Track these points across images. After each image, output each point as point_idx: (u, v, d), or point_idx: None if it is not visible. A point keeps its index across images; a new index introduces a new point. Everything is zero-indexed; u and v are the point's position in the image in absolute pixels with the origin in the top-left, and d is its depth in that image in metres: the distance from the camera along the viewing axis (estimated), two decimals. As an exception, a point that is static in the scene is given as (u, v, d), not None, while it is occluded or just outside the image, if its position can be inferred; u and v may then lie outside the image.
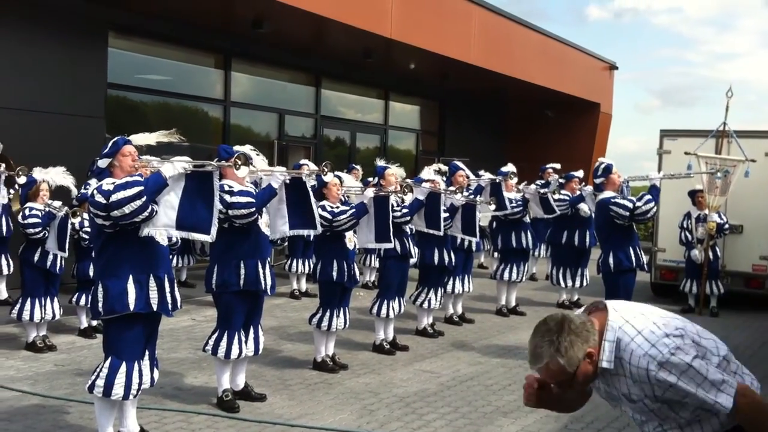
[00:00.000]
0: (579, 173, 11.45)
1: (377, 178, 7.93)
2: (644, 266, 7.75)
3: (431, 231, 8.11)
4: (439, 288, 8.80)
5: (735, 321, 10.74)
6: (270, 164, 6.96)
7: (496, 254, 11.55)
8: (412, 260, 8.35)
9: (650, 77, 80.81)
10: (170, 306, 5.06)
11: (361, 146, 17.61)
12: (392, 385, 6.84)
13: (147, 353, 5.09)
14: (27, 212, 7.42)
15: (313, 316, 7.20)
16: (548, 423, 5.96)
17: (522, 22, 18.03)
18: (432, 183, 8.32)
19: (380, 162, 8.18)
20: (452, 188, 8.62)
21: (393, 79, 17.78)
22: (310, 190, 6.16)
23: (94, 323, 8.13)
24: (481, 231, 11.54)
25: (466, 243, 9.27)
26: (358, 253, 8.10)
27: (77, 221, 7.43)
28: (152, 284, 4.92)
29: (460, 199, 8.52)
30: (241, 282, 5.85)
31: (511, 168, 10.12)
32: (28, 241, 7.51)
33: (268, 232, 6.14)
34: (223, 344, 5.89)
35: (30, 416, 5.67)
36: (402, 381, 7.00)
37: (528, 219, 10.50)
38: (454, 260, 8.97)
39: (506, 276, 10.36)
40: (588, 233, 10.81)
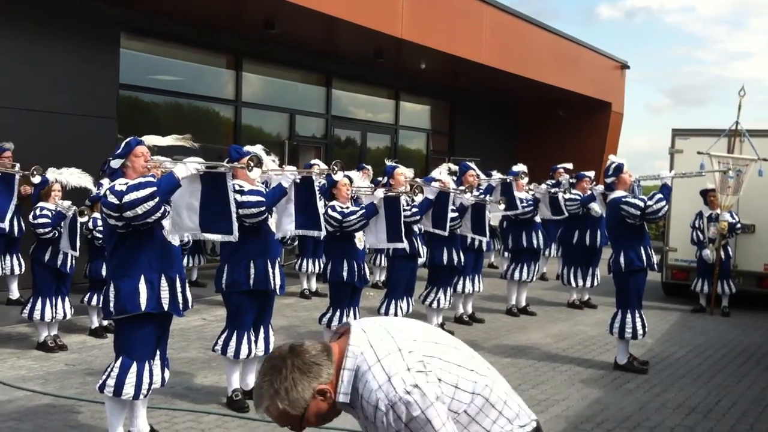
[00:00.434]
0: (590, 173, 11.42)
1: (386, 178, 7.94)
2: (655, 266, 7.71)
3: (436, 231, 8.09)
4: (448, 288, 8.79)
5: (747, 321, 10.68)
6: (281, 164, 6.98)
7: (507, 254, 11.54)
8: (421, 260, 8.34)
9: (662, 76, 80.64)
10: (181, 306, 5.07)
11: (372, 146, 17.61)
12: (402, 385, 6.82)
13: (158, 353, 5.11)
14: (38, 212, 7.46)
15: (323, 316, 7.21)
16: (558, 423, 5.94)
17: (533, 22, 17.99)
18: (441, 183, 8.32)
19: (389, 162, 8.18)
20: (462, 188, 8.61)
21: (404, 79, 17.77)
22: (317, 192, 6.16)
23: (105, 323, 8.17)
24: (492, 231, 11.54)
25: (476, 243, 9.25)
26: (368, 253, 8.10)
27: (84, 220, 7.46)
28: (164, 284, 4.93)
29: (470, 199, 8.51)
30: (251, 282, 5.86)
31: (522, 168, 10.10)
32: (39, 241, 7.55)
33: (278, 232, 6.15)
34: (233, 344, 5.90)
35: (41, 416, 5.70)
36: (412, 381, 6.98)
37: (539, 219, 10.49)
38: (464, 260, 8.97)
39: (517, 276, 10.34)
40: (599, 233, 10.78)
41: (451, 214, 8.19)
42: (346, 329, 2.46)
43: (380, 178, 9.18)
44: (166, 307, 4.93)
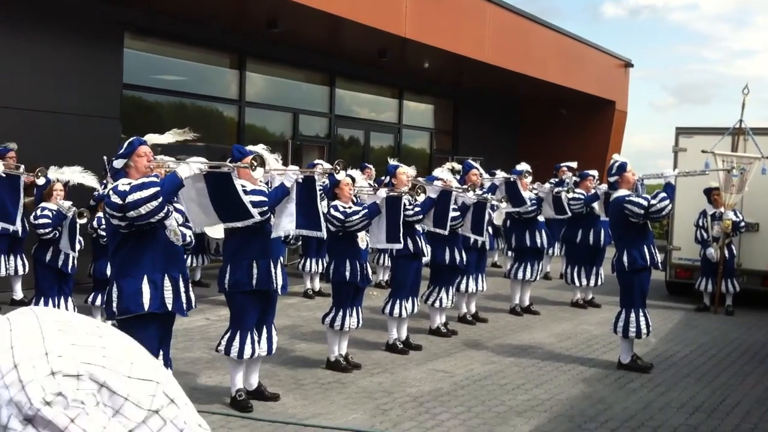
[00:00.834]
0: (594, 172, 11.41)
1: (388, 177, 7.93)
2: (658, 265, 7.70)
3: (437, 230, 8.08)
4: (451, 287, 8.78)
5: (751, 320, 10.66)
6: (284, 164, 6.98)
7: (510, 253, 11.53)
8: (425, 259, 8.33)
9: (666, 74, 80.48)
10: (185, 306, 5.08)
11: (375, 145, 17.61)
12: (405, 385, 6.83)
13: (161, 353, 5.12)
14: (39, 212, 7.48)
15: (326, 316, 7.21)
16: (562, 423, 5.94)
17: (536, 20, 17.96)
18: (444, 182, 8.31)
19: (391, 161, 8.18)
20: (464, 186, 8.60)
21: (407, 78, 17.77)
22: (318, 194, 6.16)
23: (109, 323, 8.17)
24: (495, 230, 11.54)
25: (479, 242, 9.24)
26: (371, 253, 8.09)
27: (83, 222, 7.45)
28: (167, 284, 4.94)
29: (472, 197, 8.50)
30: (254, 282, 5.87)
31: (526, 167, 10.09)
32: (40, 241, 7.56)
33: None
34: (236, 344, 5.90)
35: (46, 415, 5.70)
36: (415, 380, 6.99)
37: (542, 218, 10.48)
38: (468, 259, 8.97)
39: (520, 275, 10.34)
40: (603, 232, 10.78)
41: (453, 213, 8.19)
42: None
43: (383, 178, 9.18)
44: (170, 307, 4.94)
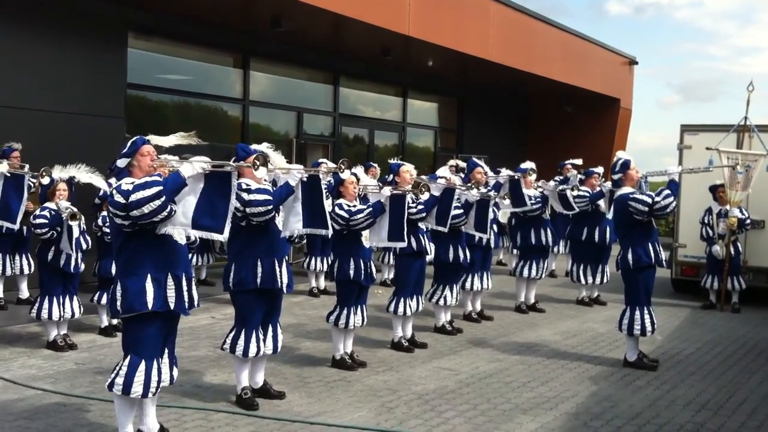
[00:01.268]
0: (599, 169, 11.39)
1: (392, 175, 7.92)
2: (663, 262, 7.68)
3: (437, 228, 8.06)
4: (455, 285, 8.77)
5: (757, 317, 10.64)
6: (288, 163, 6.97)
7: (515, 251, 11.52)
8: (429, 257, 8.32)
9: (671, 72, 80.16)
10: (187, 305, 5.08)
11: (380, 144, 17.60)
12: (411, 383, 6.83)
13: (166, 351, 5.12)
14: (38, 212, 7.48)
15: (331, 314, 7.21)
16: (568, 421, 5.93)
17: (540, 18, 17.94)
18: (447, 180, 8.31)
19: (394, 159, 8.17)
20: (468, 184, 8.59)
21: (411, 77, 17.75)
22: (324, 191, 6.15)
23: (115, 322, 8.19)
24: (501, 228, 11.52)
25: (484, 240, 9.23)
26: (376, 251, 8.09)
27: (75, 224, 7.43)
28: (170, 283, 4.94)
29: (475, 195, 8.49)
30: (258, 280, 5.87)
31: (531, 165, 10.08)
32: (43, 241, 7.57)
33: (286, 231, 6.15)
34: (241, 342, 5.91)
35: (51, 414, 5.72)
36: (421, 378, 6.99)
37: (547, 216, 10.46)
38: (473, 257, 8.96)
39: (525, 273, 10.33)
40: (608, 229, 10.76)
41: (456, 211, 8.18)
42: None
43: (387, 176, 9.17)
44: (172, 306, 4.94)
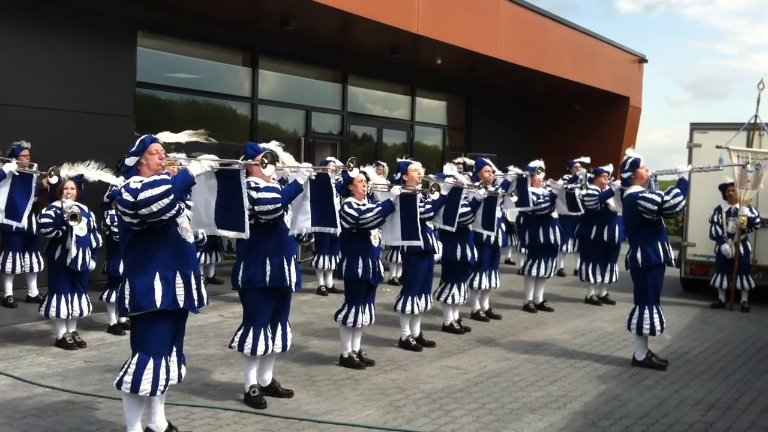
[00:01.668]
0: (608, 168, 11.35)
1: (400, 174, 7.91)
2: (672, 261, 7.65)
3: (445, 227, 8.06)
4: (462, 283, 8.76)
5: (766, 316, 10.59)
6: (297, 161, 6.97)
7: (524, 250, 11.49)
8: (437, 256, 8.31)
9: (681, 70, 79.87)
10: (196, 303, 5.09)
11: (388, 142, 17.59)
12: (419, 381, 6.83)
13: (174, 349, 5.13)
14: (44, 211, 7.50)
15: (339, 313, 7.22)
16: (576, 420, 5.92)
17: (550, 16, 17.90)
18: (455, 179, 8.30)
19: (402, 158, 8.16)
20: (476, 183, 8.58)
21: (420, 75, 17.73)
22: (334, 189, 6.16)
23: (124, 320, 8.21)
24: (509, 227, 11.50)
25: (492, 239, 9.22)
26: (384, 250, 8.08)
27: (76, 225, 7.43)
28: (179, 281, 4.95)
29: (483, 193, 8.48)
30: (267, 279, 5.88)
31: (539, 163, 10.05)
32: (50, 239, 7.58)
33: (294, 229, 6.15)
34: (249, 340, 5.92)
35: (59, 412, 5.74)
36: (428, 377, 6.99)
37: (555, 214, 10.43)
38: (481, 256, 8.95)
39: (534, 271, 10.31)
40: (617, 228, 10.73)
41: (463, 209, 8.17)
42: None
43: (395, 175, 9.17)
44: (182, 304, 4.95)
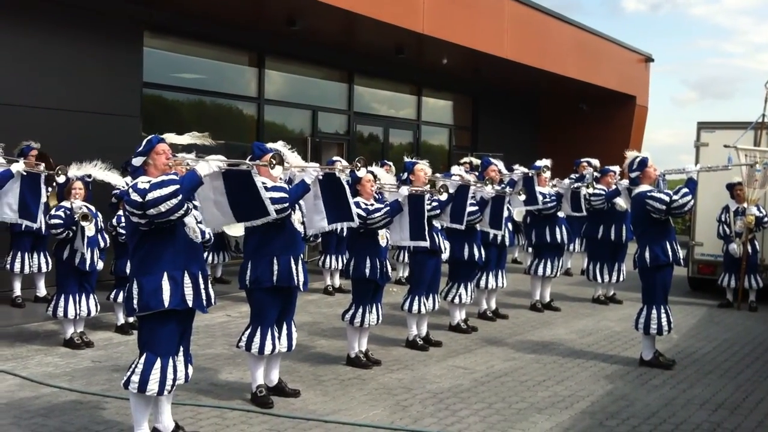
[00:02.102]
0: (615, 167, 11.32)
1: (406, 174, 7.92)
2: (681, 261, 7.63)
3: (453, 225, 8.06)
4: (470, 283, 8.75)
5: (775, 316, 10.56)
6: (303, 161, 6.98)
7: (530, 249, 11.48)
8: (444, 255, 8.30)
9: (687, 69, 79.72)
10: (204, 302, 5.10)
11: (394, 142, 17.61)
12: (425, 381, 6.83)
13: (181, 349, 5.13)
14: (53, 211, 7.51)
15: (346, 312, 7.22)
16: (583, 420, 5.91)
17: (555, 15, 17.88)
18: (461, 178, 8.29)
19: (409, 158, 8.16)
20: (482, 181, 8.56)
21: (425, 75, 17.73)
22: (345, 183, 6.17)
23: (131, 320, 8.22)
24: (515, 226, 11.49)
25: (499, 238, 9.21)
26: (391, 249, 8.08)
27: (87, 225, 7.45)
28: (187, 280, 4.95)
29: (490, 192, 8.47)
30: (274, 278, 5.88)
31: (546, 162, 10.03)
32: (59, 239, 7.60)
33: (301, 229, 6.17)
34: (257, 340, 5.92)
35: (67, 412, 5.75)
36: (435, 377, 6.98)
37: (562, 214, 10.42)
38: (488, 255, 8.94)
39: (540, 271, 10.30)
40: (624, 227, 10.70)
41: (471, 208, 8.16)
42: None
43: (402, 174, 9.16)
44: (190, 304, 4.95)
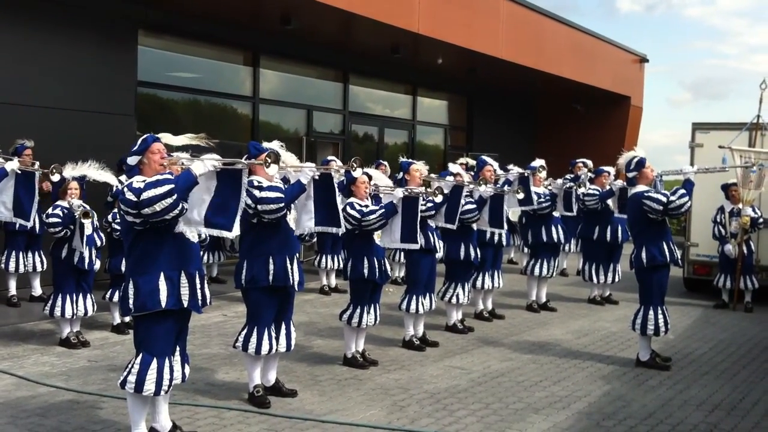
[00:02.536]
0: (609, 168, 11.33)
1: (402, 174, 7.90)
2: (678, 261, 7.64)
3: (447, 225, 8.05)
4: (466, 283, 8.75)
5: (770, 316, 10.59)
6: (299, 160, 6.96)
7: (526, 249, 11.49)
8: (439, 255, 8.29)
9: (682, 70, 79.80)
10: (200, 302, 5.08)
11: (390, 142, 17.60)
12: (422, 381, 6.82)
13: (178, 349, 5.12)
14: (50, 210, 7.49)
15: (344, 313, 7.20)
16: (580, 420, 5.91)
17: (550, 15, 17.90)
18: (456, 177, 8.28)
19: (404, 158, 8.15)
20: (477, 181, 8.56)
21: (421, 75, 17.73)
22: (336, 189, 6.15)
23: (127, 319, 8.20)
24: (511, 226, 11.49)
25: (496, 238, 9.21)
26: (387, 249, 8.07)
27: (87, 222, 7.44)
28: (183, 281, 4.93)
29: (488, 191, 8.46)
30: (270, 278, 5.87)
31: (540, 162, 10.04)
32: (56, 239, 7.58)
33: (296, 228, 6.15)
34: (253, 340, 5.90)
35: (64, 412, 5.73)
36: (432, 377, 6.98)
37: (557, 213, 10.43)
38: (484, 255, 8.94)
39: (536, 271, 10.30)
40: (620, 228, 10.72)
41: (468, 207, 8.16)
42: None
43: (397, 175, 9.15)
44: (186, 304, 4.94)
